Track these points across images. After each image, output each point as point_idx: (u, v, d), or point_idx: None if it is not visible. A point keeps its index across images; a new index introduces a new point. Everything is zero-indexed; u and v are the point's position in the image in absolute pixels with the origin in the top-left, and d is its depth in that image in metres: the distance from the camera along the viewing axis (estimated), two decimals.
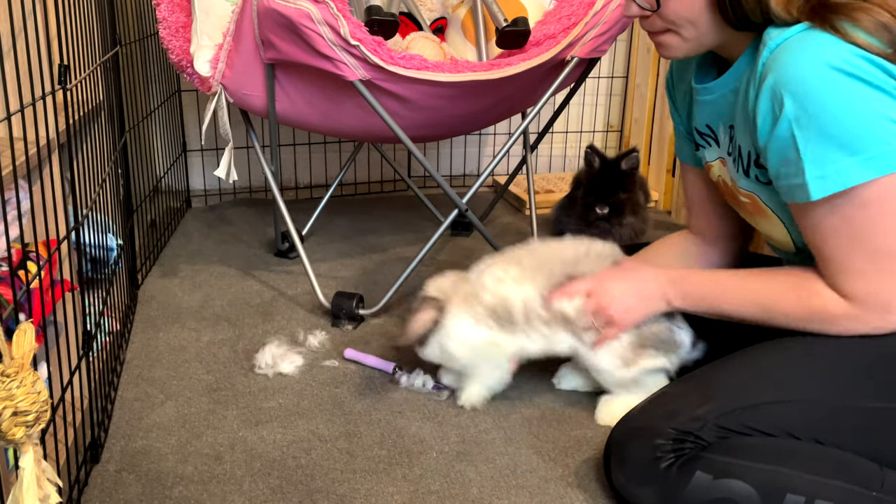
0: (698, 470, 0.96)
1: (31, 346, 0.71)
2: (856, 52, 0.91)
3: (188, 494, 1.08)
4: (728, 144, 1.12)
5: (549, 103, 2.20)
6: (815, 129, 0.93)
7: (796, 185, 0.97)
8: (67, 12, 1.10)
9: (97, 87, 1.36)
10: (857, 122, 0.91)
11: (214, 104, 1.61)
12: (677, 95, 1.28)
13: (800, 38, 0.95)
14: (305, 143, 2.44)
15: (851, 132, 0.92)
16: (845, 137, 0.92)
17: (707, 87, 1.13)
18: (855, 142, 0.92)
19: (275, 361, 1.41)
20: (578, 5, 1.62)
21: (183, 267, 1.88)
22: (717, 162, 1.17)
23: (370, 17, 1.59)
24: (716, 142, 1.16)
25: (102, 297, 1.32)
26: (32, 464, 0.70)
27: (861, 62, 0.91)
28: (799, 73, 0.93)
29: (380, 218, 2.28)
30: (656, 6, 1.04)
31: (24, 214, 1.11)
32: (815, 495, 0.92)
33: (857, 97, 0.91)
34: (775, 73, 0.94)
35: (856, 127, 0.91)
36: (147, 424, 1.25)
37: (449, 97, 1.55)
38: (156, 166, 2.09)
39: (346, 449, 1.19)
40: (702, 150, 1.21)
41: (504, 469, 1.15)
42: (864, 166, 0.92)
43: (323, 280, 1.81)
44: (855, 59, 0.91)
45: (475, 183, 1.64)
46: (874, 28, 0.92)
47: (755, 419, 0.99)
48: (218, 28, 1.61)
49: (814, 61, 0.92)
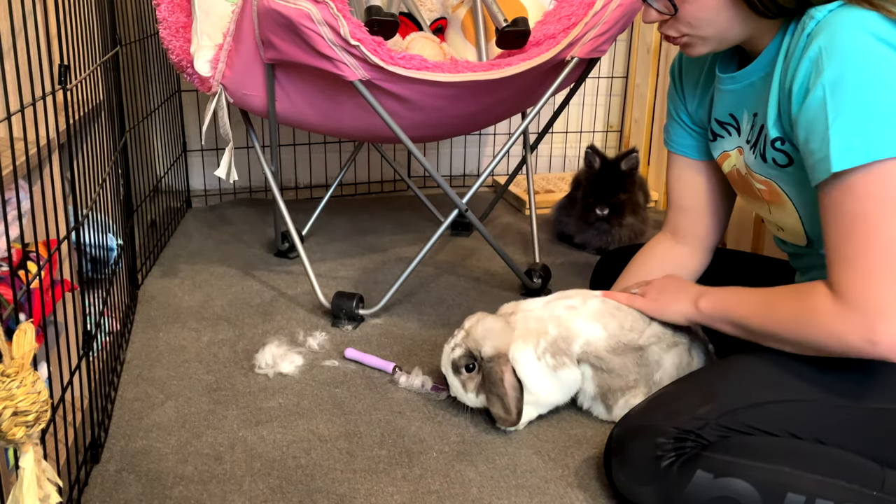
0: (699, 469, 0.96)
1: (31, 346, 0.71)
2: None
3: (188, 494, 1.08)
4: (749, 132, 1.11)
5: (549, 103, 2.21)
6: (849, 97, 0.90)
7: (820, 158, 0.93)
8: (67, 12, 1.10)
9: (97, 87, 1.36)
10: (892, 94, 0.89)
11: (214, 104, 1.61)
12: (686, 85, 1.27)
13: (845, 10, 0.93)
14: (305, 143, 2.44)
15: (885, 104, 0.89)
16: (879, 110, 0.89)
17: (734, 76, 1.11)
18: (889, 116, 0.89)
19: (275, 361, 1.41)
20: (578, 5, 1.62)
21: (183, 267, 1.88)
22: (734, 151, 1.16)
23: (370, 17, 1.59)
24: (737, 130, 1.15)
25: (102, 297, 1.32)
26: (32, 464, 0.70)
27: None
28: (843, 40, 0.91)
29: (380, 218, 2.28)
30: (674, 10, 1.04)
31: (24, 214, 1.11)
32: (816, 494, 0.92)
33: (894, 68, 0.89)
34: (820, 41, 0.93)
35: (889, 99, 0.89)
36: (147, 424, 1.24)
37: (449, 97, 1.55)
38: (156, 166, 2.09)
39: (346, 449, 1.19)
40: (718, 140, 1.20)
41: (504, 469, 1.15)
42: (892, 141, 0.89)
43: (323, 280, 1.81)
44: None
45: (475, 183, 1.64)
46: None
47: (756, 418, 0.99)
48: (218, 28, 1.61)
49: (859, 30, 0.91)
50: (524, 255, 2.01)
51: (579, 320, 1.22)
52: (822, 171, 0.93)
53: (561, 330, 1.22)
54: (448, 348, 1.26)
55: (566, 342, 1.21)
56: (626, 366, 1.21)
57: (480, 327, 1.22)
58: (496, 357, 1.19)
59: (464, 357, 1.23)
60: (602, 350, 1.21)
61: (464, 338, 1.24)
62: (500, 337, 1.21)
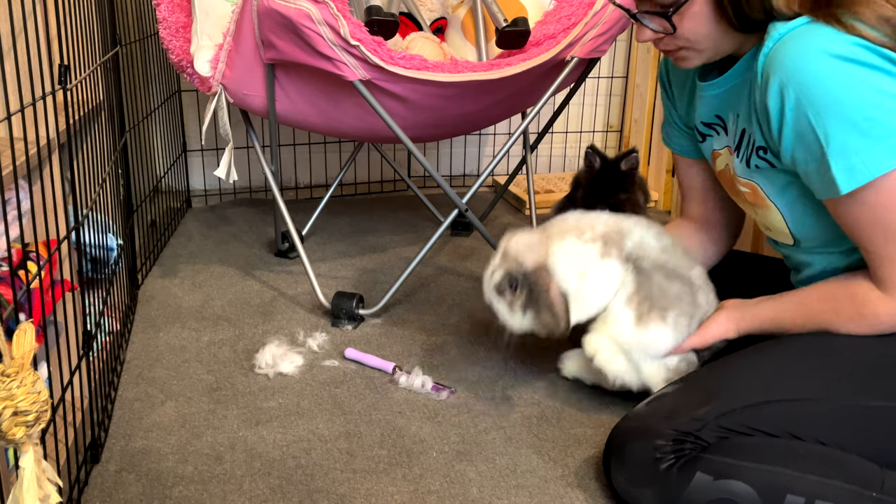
0: (699, 471, 0.96)
1: (31, 346, 0.71)
2: (854, 40, 0.92)
3: (188, 494, 1.08)
4: (735, 134, 1.13)
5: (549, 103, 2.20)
6: (830, 118, 0.93)
7: (825, 182, 0.97)
8: (67, 12, 1.10)
9: (97, 87, 1.36)
10: (869, 106, 0.92)
11: (214, 104, 1.61)
12: (674, 86, 1.29)
13: (800, 32, 0.96)
14: (305, 143, 2.44)
15: (866, 118, 0.92)
16: (863, 124, 0.92)
17: (714, 83, 1.14)
18: (874, 128, 0.92)
19: (275, 361, 1.41)
20: (578, 5, 1.62)
21: (183, 267, 1.88)
22: (724, 150, 1.17)
23: (370, 17, 1.59)
24: (724, 130, 1.16)
25: (102, 297, 1.32)
26: (32, 464, 0.70)
27: (858, 49, 0.92)
28: (800, 65, 0.94)
29: (380, 218, 2.28)
30: (672, 29, 1.04)
31: (24, 214, 1.11)
32: (815, 496, 0.92)
33: (860, 81, 0.92)
34: (779, 68, 0.95)
35: (868, 111, 0.91)
36: (147, 424, 1.25)
37: (449, 97, 1.55)
38: (156, 166, 2.09)
39: (346, 449, 1.19)
40: (708, 139, 1.21)
41: (504, 469, 1.15)
42: (891, 154, 0.92)
43: (323, 280, 1.81)
44: (853, 46, 0.92)
45: (475, 183, 1.64)
46: (876, 20, 0.93)
47: (756, 419, 0.99)
48: (218, 28, 1.61)
49: (812, 51, 0.93)
50: None
51: (631, 223, 1.20)
52: (832, 192, 0.97)
53: (612, 226, 1.19)
54: (488, 275, 1.23)
55: (619, 235, 1.19)
56: (671, 287, 1.17)
57: (515, 244, 1.19)
58: (537, 269, 1.17)
59: (505, 278, 1.20)
60: (654, 254, 1.18)
61: (501, 260, 1.21)
62: (537, 249, 1.18)
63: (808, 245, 1.11)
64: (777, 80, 0.96)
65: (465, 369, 1.43)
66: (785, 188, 1.07)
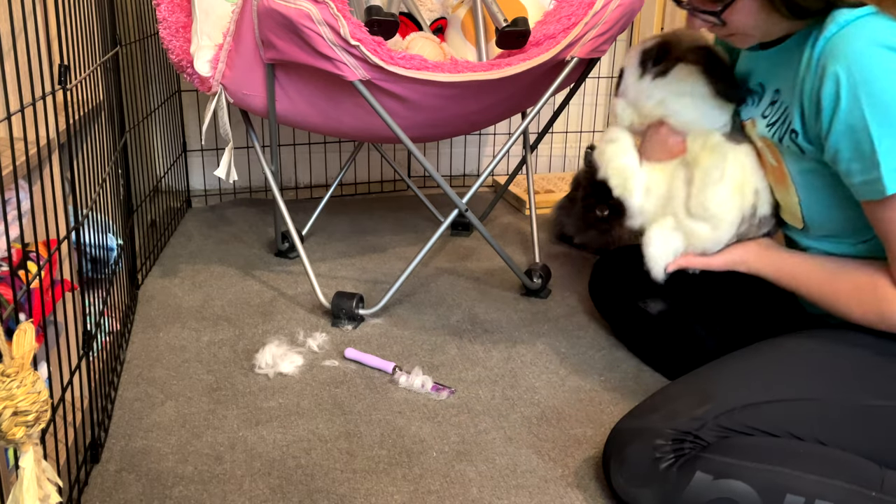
0: (698, 470, 0.96)
1: (31, 346, 0.71)
2: None
3: (188, 494, 1.08)
4: (769, 108, 1.11)
5: (549, 103, 2.21)
6: (887, 117, 0.90)
7: (871, 179, 0.94)
8: (67, 12, 1.10)
9: (97, 87, 1.36)
10: None
11: (214, 104, 1.61)
12: None
13: (865, 22, 0.93)
14: (305, 143, 2.44)
15: None
16: None
17: (761, 53, 1.14)
18: None
19: (275, 361, 1.41)
20: (578, 5, 1.62)
21: (183, 267, 1.88)
22: (748, 122, 1.16)
23: (370, 17, 1.59)
24: (759, 100, 1.15)
25: (102, 297, 1.32)
26: (32, 464, 0.70)
27: None
28: (861, 59, 0.91)
29: (380, 218, 2.28)
30: (720, 22, 1.04)
31: (24, 214, 1.11)
32: (815, 496, 0.92)
33: None
34: (840, 57, 0.93)
35: None
36: (147, 424, 1.25)
37: (449, 97, 1.55)
38: (156, 166, 2.09)
39: (346, 449, 1.19)
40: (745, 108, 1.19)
41: (504, 469, 1.15)
42: None
43: (323, 280, 1.81)
44: None
45: (475, 183, 1.64)
46: None
47: (755, 418, 0.99)
48: (218, 28, 1.61)
49: (877, 45, 0.90)
50: (524, 255, 2.01)
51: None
52: (875, 192, 0.94)
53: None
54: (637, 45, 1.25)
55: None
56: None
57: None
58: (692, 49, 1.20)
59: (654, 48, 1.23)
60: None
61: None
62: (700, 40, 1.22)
63: (818, 233, 1.10)
64: (834, 69, 0.93)
65: (465, 369, 1.43)
66: (807, 173, 1.06)
